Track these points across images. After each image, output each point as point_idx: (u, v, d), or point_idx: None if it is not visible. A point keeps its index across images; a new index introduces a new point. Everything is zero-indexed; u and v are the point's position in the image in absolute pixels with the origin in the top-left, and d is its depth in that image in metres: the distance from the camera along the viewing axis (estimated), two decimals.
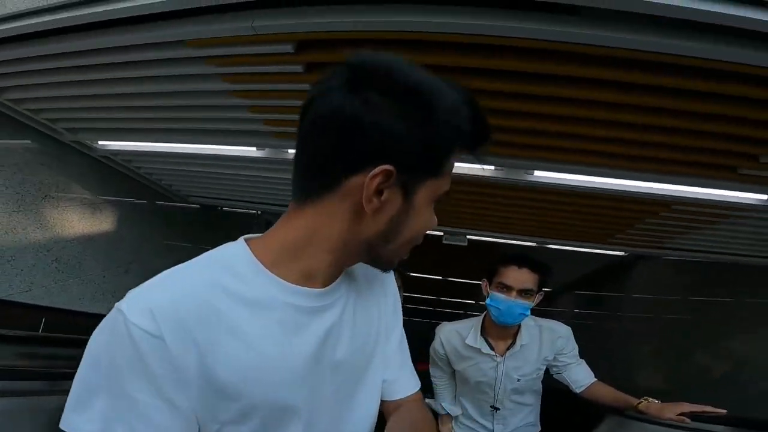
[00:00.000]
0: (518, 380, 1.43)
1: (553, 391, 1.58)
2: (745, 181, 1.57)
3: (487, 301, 1.35)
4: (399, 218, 0.44)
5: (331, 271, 0.47)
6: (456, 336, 1.47)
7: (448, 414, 1.54)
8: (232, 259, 0.45)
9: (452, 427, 1.52)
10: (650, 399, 1.26)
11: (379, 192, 0.41)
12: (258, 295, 0.43)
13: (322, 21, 1.02)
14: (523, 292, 1.29)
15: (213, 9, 1.04)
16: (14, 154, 2.06)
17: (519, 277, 1.29)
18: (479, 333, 1.43)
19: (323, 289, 0.47)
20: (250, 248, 0.45)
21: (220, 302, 0.42)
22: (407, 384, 0.61)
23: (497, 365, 1.42)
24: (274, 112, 1.53)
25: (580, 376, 1.44)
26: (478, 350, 1.41)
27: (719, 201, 1.70)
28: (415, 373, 0.64)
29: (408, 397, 0.60)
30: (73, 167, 2.34)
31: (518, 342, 1.41)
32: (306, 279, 0.46)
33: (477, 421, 1.52)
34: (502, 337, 1.42)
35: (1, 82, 1.65)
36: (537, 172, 1.69)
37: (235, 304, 0.42)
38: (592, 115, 1.33)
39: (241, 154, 1.96)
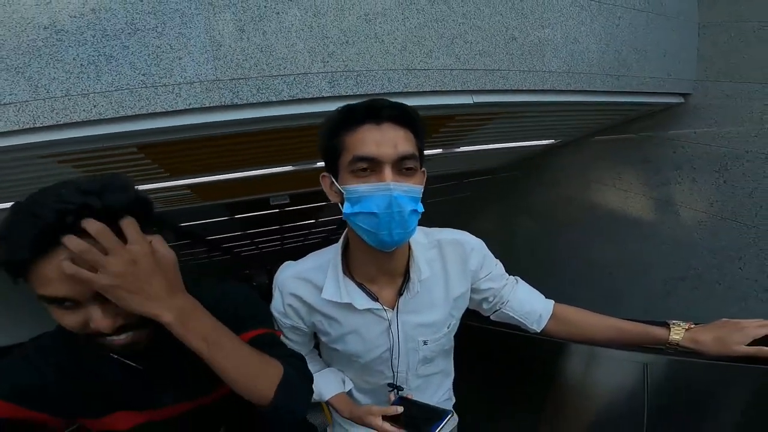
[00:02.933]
0: (425, 343, 0.85)
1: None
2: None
3: (345, 209, 0.70)
4: None
5: None
6: (306, 287, 0.82)
7: (337, 395, 0.90)
8: None
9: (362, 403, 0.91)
10: (679, 323, 0.80)
11: None
12: None
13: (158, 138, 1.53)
14: (402, 163, 0.68)
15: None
16: None
17: (385, 136, 0.67)
18: (341, 275, 0.80)
19: None
20: None
21: None
22: None
23: (389, 325, 0.82)
24: None
25: (531, 305, 0.91)
26: (348, 307, 0.79)
27: None
28: None
29: None
30: None
31: (414, 277, 0.80)
32: None
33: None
34: (385, 271, 0.80)
35: None
36: None
37: None
38: None
39: None
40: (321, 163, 0.77)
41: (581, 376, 1.36)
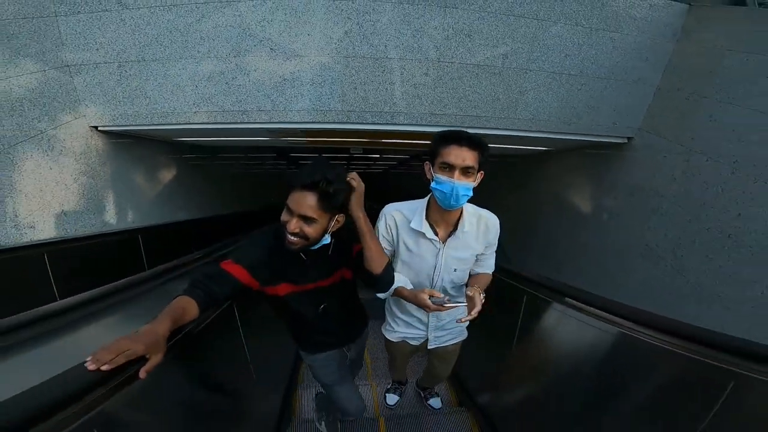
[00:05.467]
0: (455, 270, 1.44)
1: None
2: None
3: (432, 184, 1.31)
4: None
5: None
6: (401, 218, 1.43)
7: (402, 287, 1.43)
8: None
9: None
10: (471, 288, 1.34)
11: None
12: None
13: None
14: (465, 171, 1.27)
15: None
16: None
17: (460, 154, 1.26)
18: (423, 217, 1.40)
19: None
20: None
21: None
22: None
23: (438, 252, 1.41)
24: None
25: (485, 265, 1.53)
26: (422, 234, 1.39)
27: None
28: None
29: None
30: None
31: (460, 228, 1.40)
32: None
33: (413, 315, 1.62)
34: (445, 221, 1.41)
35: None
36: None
37: None
38: None
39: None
40: (384, 140, 2.59)
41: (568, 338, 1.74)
